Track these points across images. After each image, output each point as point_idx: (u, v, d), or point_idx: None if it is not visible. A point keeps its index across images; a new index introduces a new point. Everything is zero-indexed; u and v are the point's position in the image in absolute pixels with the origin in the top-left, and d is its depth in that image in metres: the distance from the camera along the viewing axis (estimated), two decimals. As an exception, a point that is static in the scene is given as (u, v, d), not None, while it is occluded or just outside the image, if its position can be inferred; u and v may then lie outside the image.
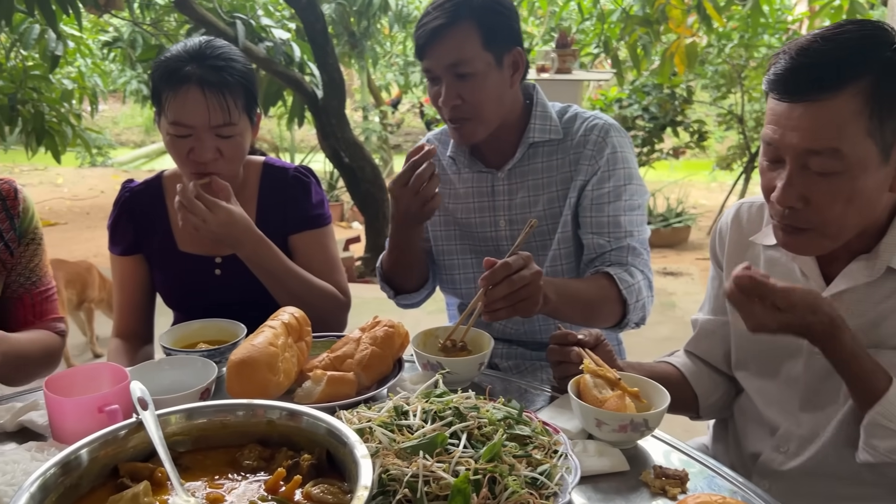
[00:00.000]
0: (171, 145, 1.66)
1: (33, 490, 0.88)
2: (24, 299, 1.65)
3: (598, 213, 1.75)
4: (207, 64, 1.62)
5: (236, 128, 1.65)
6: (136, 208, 1.84)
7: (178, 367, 1.41)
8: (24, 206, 1.64)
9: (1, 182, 1.62)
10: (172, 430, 1.04)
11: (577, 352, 1.38)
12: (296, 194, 1.84)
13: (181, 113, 1.61)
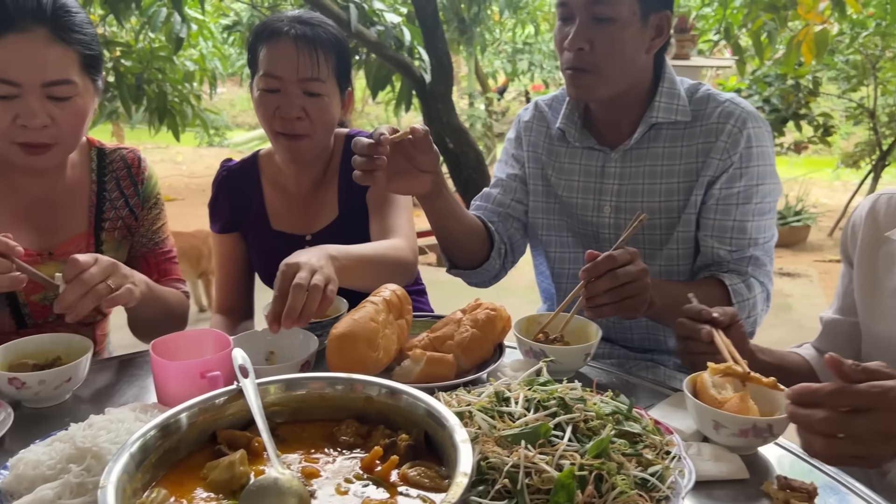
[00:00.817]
0: (259, 104, 1.68)
1: (133, 450, 0.88)
2: (147, 258, 1.70)
3: (724, 217, 1.59)
4: (302, 20, 1.66)
5: (324, 86, 1.66)
6: (233, 187, 1.88)
7: (280, 339, 1.40)
8: (147, 173, 1.70)
9: (126, 151, 1.69)
10: (271, 400, 1.02)
11: (708, 331, 1.26)
12: None
13: (272, 64, 1.64)
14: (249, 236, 1.88)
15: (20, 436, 1.17)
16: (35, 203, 1.53)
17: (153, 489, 0.89)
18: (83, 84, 1.43)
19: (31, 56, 1.36)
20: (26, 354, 1.35)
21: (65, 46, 1.39)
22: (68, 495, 0.94)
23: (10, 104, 1.36)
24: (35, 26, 1.36)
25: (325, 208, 1.83)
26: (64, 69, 1.39)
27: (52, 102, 1.39)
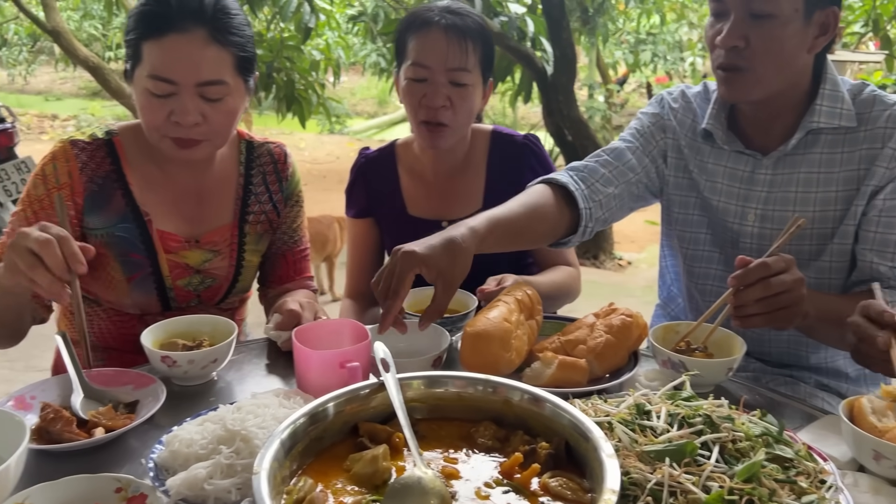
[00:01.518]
0: (406, 92, 1.73)
1: (284, 437, 0.90)
2: (286, 257, 1.75)
3: (887, 230, 1.45)
4: (451, 10, 1.70)
5: (469, 76, 1.70)
6: (370, 174, 1.93)
7: (412, 332, 1.41)
8: (291, 170, 1.74)
9: (273, 146, 1.73)
10: (410, 396, 1.02)
11: (886, 339, 1.16)
12: (529, 162, 1.84)
13: (421, 54, 1.68)
14: (384, 221, 1.93)
15: (169, 411, 1.23)
16: (186, 192, 1.60)
17: (299, 477, 0.91)
18: (235, 84, 1.47)
19: (188, 56, 1.40)
20: (175, 333, 1.43)
21: (221, 48, 1.43)
22: (219, 475, 0.98)
23: (166, 101, 1.42)
24: (195, 27, 1.40)
25: (465, 197, 1.85)
26: (218, 70, 1.43)
27: (204, 101, 1.44)
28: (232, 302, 1.71)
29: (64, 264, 1.14)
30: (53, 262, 1.13)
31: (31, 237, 1.15)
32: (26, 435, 1.00)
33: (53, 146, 1.52)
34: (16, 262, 1.13)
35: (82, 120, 11.93)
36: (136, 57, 1.43)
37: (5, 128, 4.35)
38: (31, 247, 1.14)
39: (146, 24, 1.41)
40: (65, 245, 1.15)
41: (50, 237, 1.15)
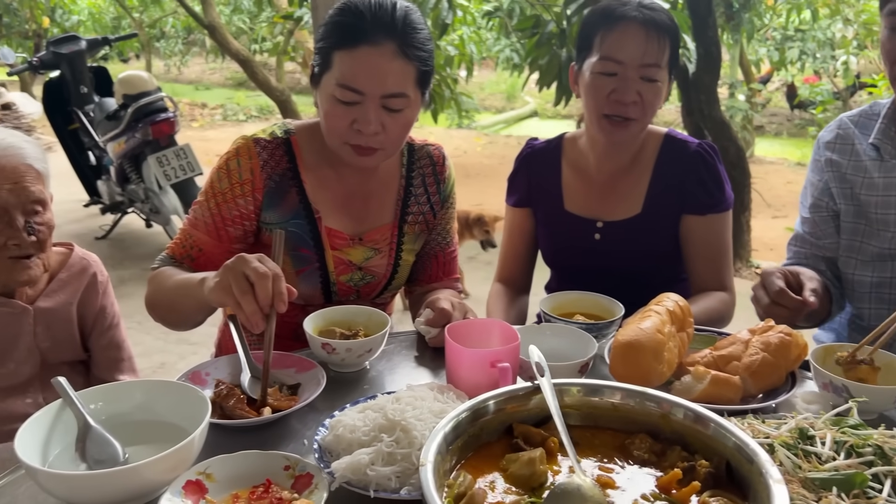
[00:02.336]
0: (592, 86, 1.71)
1: (447, 430, 0.94)
2: (437, 257, 1.80)
3: None
4: (646, 5, 1.68)
5: (660, 72, 1.68)
6: (534, 164, 1.93)
7: (558, 336, 1.42)
8: (448, 172, 1.78)
9: (433, 148, 1.77)
10: (566, 402, 1.04)
11: None
12: (698, 172, 1.78)
13: (614, 48, 1.67)
14: (540, 213, 1.94)
15: (326, 396, 1.30)
16: (353, 192, 1.67)
17: (459, 472, 0.94)
18: (415, 97, 1.52)
19: (377, 68, 1.45)
20: (333, 322, 1.51)
21: (406, 61, 1.47)
22: (380, 462, 1.03)
23: (350, 109, 1.48)
24: (386, 41, 1.45)
25: (625, 200, 1.83)
26: (402, 83, 1.48)
27: (386, 112, 1.49)
28: (385, 297, 1.78)
29: (270, 300, 1.22)
30: (263, 295, 1.21)
31: (251, 266, 1.23)
32: (208, 410, 1.10)
33: (236, 142, 1.62)
34: (230, 283, 1.22)
35: (228, 109, 12.68)
36: (325, 64, 1.49)
37: (168, 117, 4.69)
38: (248, 274, 1.22)
39: (339, 35, 1.47)
40: (276, 283, 1.23)
41: (267, 272, 1.22)
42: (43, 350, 1.65)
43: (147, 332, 3.98)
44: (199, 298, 1.36)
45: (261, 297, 1.21)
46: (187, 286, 1.42)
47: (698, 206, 1.77)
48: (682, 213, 1.78)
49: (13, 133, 1.58)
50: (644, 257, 1.81)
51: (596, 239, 1.83)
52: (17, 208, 1.51)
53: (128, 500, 1.03)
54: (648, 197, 1.79)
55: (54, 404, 1.13)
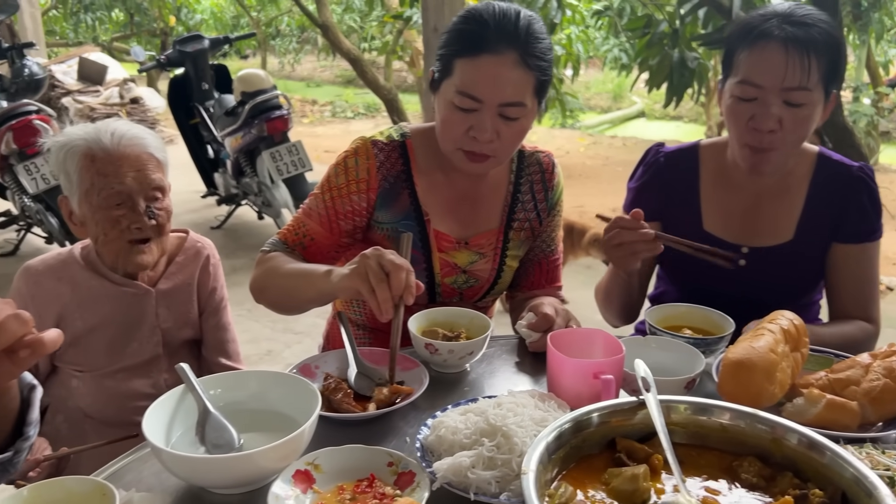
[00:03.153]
0: (731, 112, 1.58)
1: (550, 440, 0.95)
2: (541, 264, 1.80)
3: None
4: (793, 20, 1.50)
5: (809, 95, 1.50)
6: (668, 175, 1.79)
7: (664, 350, 1.40)
8: (557, 179, 1.78)
9: (542, 154, 1.77)
10: (671, 419, 1.02)
11: None
12: (857, 199, 1.65)
13: (753, 71, 1.52)
14: (672, 230, 1.67)
15: (427, 395, 1.33)
16: (462, 197, 1.70)
17: (559, 482, 0.95)
18: (531, 106, 1.52)
19: (497, 77, 1.46)
20: (436, 323, 1.54)
21: (526, 71, 1.47)
22: (480, 466, 1.05)
23: (467, 116, 1.50)
24: (508, 50, 1.46)
25: (775, 225, 1.69)
26: (521, 92, 1.49)
27: (501, 120, 1.50)
28: (487, 301, 1.80)
29: (402, 290, 1.27)
30: (397, 285, 1.27)
31: (387, 257, 1.29)
32: (319, 403, 1.15)
33: (356, 142, 1.68)
34: (367, 271, 1.28)
35: (337, 106, 13.04)
36: (446, 70, 1.52)
37: (282, 114, 4.88)
38: (384, 264, 1.28)
39: (462, 43, 1.49)
40: (409, 275, 1.29)
41: (403, 264, 1.29)
42: (164, 330, 1.76)
43: (256, 319, 4.16)
44: (322, 289, 1.42)
45: (394, 287, 1.26)
46: (310, 276, 1.47)
47: (855, 234, 1.64)
48: (834, 240, 1.66)
49: (136, 125, 1.69)
50: (787, 287, 1.71)
51: (740, 265, 1.69)
52: (139, 194, 1.60)
53: (241, 484, 1.09)
54: (802, 221, 1.65)
55: (177, 389, 1.21)
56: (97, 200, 1.58)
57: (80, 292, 1.68)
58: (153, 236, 1.65)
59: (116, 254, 1.63)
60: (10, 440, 1.15)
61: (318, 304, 1.56)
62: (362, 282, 1.28)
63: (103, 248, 1.65)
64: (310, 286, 1.48)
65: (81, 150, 1.58)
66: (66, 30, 14.94)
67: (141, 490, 1.11)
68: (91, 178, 1.58)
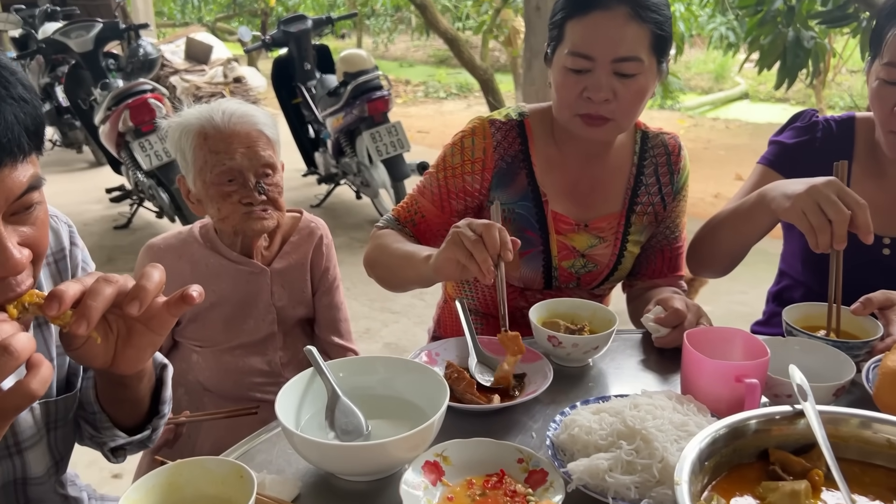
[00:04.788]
0: (877, 95, 1.50)
1: (703, 447, 0.89)
2: (664, 252, 1.73)
3: None
4: None
5: None
6: (823, 141, 1.68)
7: (808, 353, 1.30)
8: (683, 162, 1.70)
9: (668, 136, 1.70)
10: (832, 431, 0.94)
11: None
12: None
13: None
14: None
15: (550, 390, 1.29)
16: (581, 178, 1.65)
17: (710, 493, 0.89)
18: (649, 63, 1.47)
19: (608, 32, 1.43)
20: (557, 314, 1.49)
21: (640, 24, 1.43)
22: (619, 470, 1.00)
23: (581, 78, 1.46)
24: (618, 5, 1.42)
25: None
26: (635, 47, 1.44)
27: (617, 78, 1.45)
28: (604, 288, 1.74)
29: (498, 247, 1.24)
30: (491, 242, 1.24)
31: (476, 222, 1.28)
32: (447, 394, 1.13)
33: (473, 122, 1.66)
34: (460, 238, 1.26)
35: (430, 86, 13.06)
36: (558, 37, 1.49)
37: (383, 94, 4.90)
38: (475, 227, 1.26)
39: (572, 5, 1.47)
40: (502, 233, 1.26)
41: (493, 224, 1.26)
42: (279, 308, 1.78)
43: (354, 297, 4.22)
44: (422, 272, 1.41)
45: (489, 245, 1.23)
46: (412, 259, 1.47)
47: None
48: None
49: (247, 104, 1.71)
50: None
51: (885, 255, 1.61)
52: (249, 170, 1.62)
53: (370, 472, 1.09)
54: None
55: (306, 372, 1.21)
56: (210, 177, 1.61)
57: (199, 270, 1.72)
58: (268, 208, 1.67)
59: (234, 226, 1.65)
60: (147, 418, 1.19)
61: (421, 286, 1.54)
62: (458, 248, 1.25)
63: (220, 223, 1.68)
64: (411, 268, 1.47)
65: (195, 129, 1.61)
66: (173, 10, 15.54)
67: (272, 472, 1.12)
68: (204, 156, 1.61)
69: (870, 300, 1.41)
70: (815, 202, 1.31)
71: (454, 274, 1.27)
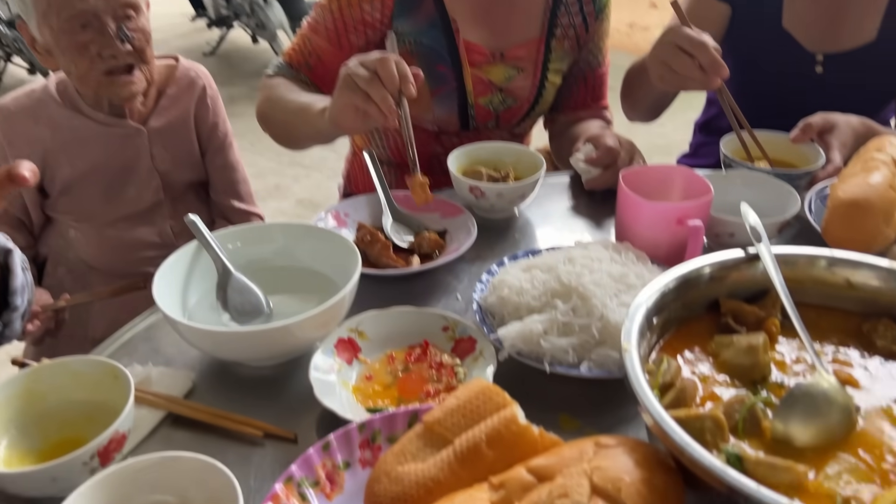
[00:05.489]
0: None
1: (650, 306, 0.78)
2: (587, 79, 1.57)
3: None
4: None
5: None
6: None
7: (749, 186, 1.20)
8: None
9: None
10: (786, 274, 0.84)
11: None
12: None
13: None
14: (747, 21, 1.56)
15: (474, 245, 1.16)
16: (495, 1, 1.44)
17: (659, 355, 0.79)
18: None
19: None
20: (479, 161, 1.34)
21: None
22: (554, 332, 0.89)
23: None
24: None
25: (858, 25, 1.49)
26: None
27: None
28: (525, 126, 1.58)
29: (397, 81, 1.06)
30: (388, 77, 1.05)
31: (368, 57, 1.08)
32: (359, 262, 0.97)
33: None
34: (354, 79, 1.06)
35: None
36: None
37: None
38: (367, 63, 1.07)
39: None
40: (399, 65, 1.07)
41: (388, 56, 1.07)
42: (162, 173, 1.57)
43: (260, 153, 3.95)
44: (319, 127, 1.23)
45: (386, 80, 1.06)
46: (307, 112, 1.27)
47: None
48: None
49: None
50: (867, 96, 1.52)
51: (818, 73, 1.52)
52: (106, 13, 1.34)
53: (275, 357, 0.95)
54: (886, 19, 1.45)
55: (189, 246, 1.03)
56: (58, 23, 1.31)
57: (62, 135, 1.47)
58: (134, 62, 1.41)
59: (95, 89, 1.40)
60: None
61: (322, 142, 1.36)
62: (352, 92, 1.07)
63: (79, 82, 1.41)
64: (307, 123, 1.28)
65: None
66: None
67: (158, 364, 0.97)
68: None
69: (809, 125, 1.32)
70: (663, 62, 1.24)
71: (354, 123, 1.09)
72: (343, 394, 0.88)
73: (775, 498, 0.55)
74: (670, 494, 0.62)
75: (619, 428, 0.86)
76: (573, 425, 0.86)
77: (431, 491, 0.67)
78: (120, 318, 1.32)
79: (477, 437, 0.68)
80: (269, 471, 0.81)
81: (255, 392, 0.93)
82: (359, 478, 0.76)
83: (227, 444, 0.85)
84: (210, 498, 0.70)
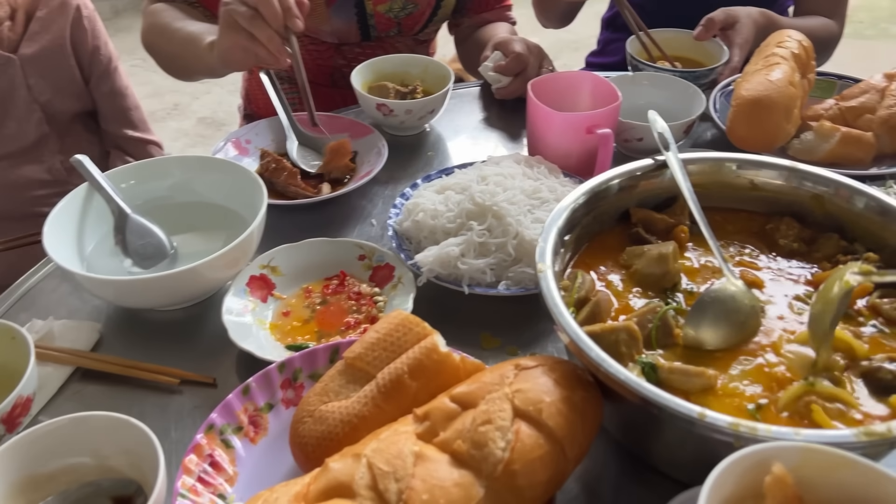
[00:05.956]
0: None
1: (560, 224, 0.77)
2: None
3: None
4: None
5: None
6: None
7: (656, 87, 1.20)
8: None
9: None
10: (693, 180, 0.85)
11: None
12: None
13: None
14: None
15: (386, 165, 1.12)
16: None
17: (573, 271, 0.80)
18: None
19: None
20: (384, 75, 1.28)
21: None
22: (471, 254, 0.89)
23: None
24: None
25: None
26: None
27: None
28: (429, 32, 1.52)
29: (281, 17, 0.98)
30: (271, 14, 0.98)
31: None
32: (264, 193, 0.93)
33: None
34: (234, 17, 0.98)
35: None
36: None
37: None
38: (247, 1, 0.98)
39: None
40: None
41: None
42: (43, 104, 1.45)
43: (154, 70, 3.68)
44: (209, 64, 1.14)
45: (269, 17, 0.99)
46: (194, 45, 1.18)
47: None
48: None
49: None
50: None
51: None
52: None
53: (184, 300, 0.91)
54: None
55: (80, 189, 0.96)
56: None
57: None
58: None
59: None
60: None
61: (215, 77, 1.27)
62: (235, 31, 1.00)
63: None
64: (195, 58, 1.19)
65: None
66: None
67: (61, 317, 0.92)
68: None
69: (712, 21, 1.31)
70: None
71: (245, 63, 1.02)
72: (260, 333, 0.86)
73: (685, 405, 0.58)
74: (588, 409, 0.63)
75: (540, 342, 0.87)
76: (494, 343, 0.87)
77: (357, 427, 0.66)
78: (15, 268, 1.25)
79: (399, 369, 0.68)
80: (191, 419, 0.79)
81: (168, 338, 0.89)
82: (283, 418, 0.75)
83: (142, 395, 0.82)
84: (128, 454, 0.68)
